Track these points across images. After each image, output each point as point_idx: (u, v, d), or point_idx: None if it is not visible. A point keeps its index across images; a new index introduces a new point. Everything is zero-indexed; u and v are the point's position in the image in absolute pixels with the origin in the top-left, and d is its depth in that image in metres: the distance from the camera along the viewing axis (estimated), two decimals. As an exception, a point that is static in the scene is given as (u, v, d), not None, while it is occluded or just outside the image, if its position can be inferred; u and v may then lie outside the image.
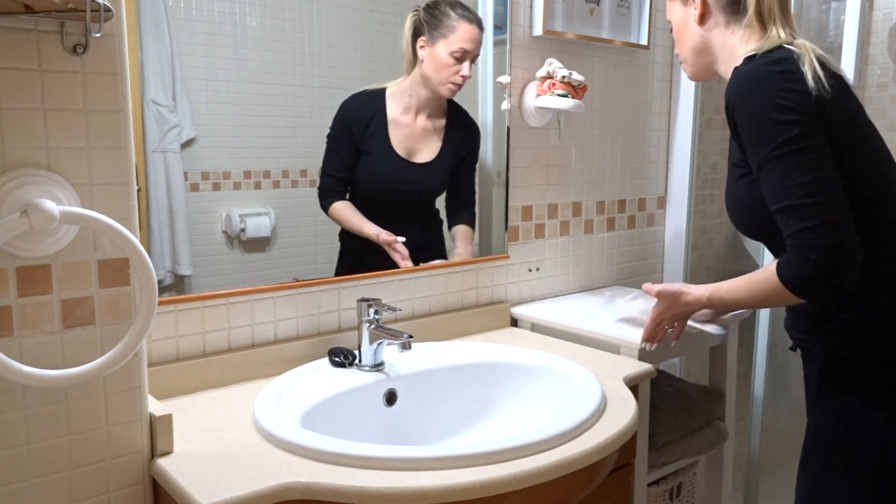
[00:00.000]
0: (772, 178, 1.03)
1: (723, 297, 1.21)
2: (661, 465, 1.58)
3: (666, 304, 1.33)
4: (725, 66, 1.19)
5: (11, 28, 0.84)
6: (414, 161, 1.54)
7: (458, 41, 1.48)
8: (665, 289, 1.33)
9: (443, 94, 1.52)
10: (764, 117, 1.03)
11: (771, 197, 1.04)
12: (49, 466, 0.92)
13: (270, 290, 1.32)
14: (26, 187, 0.85)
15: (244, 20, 1.34)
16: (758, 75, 1.05)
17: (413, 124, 1.52)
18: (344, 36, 1.47)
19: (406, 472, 0.92)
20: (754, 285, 1.12)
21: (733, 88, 1.08)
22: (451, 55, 1.48)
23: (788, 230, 1.02)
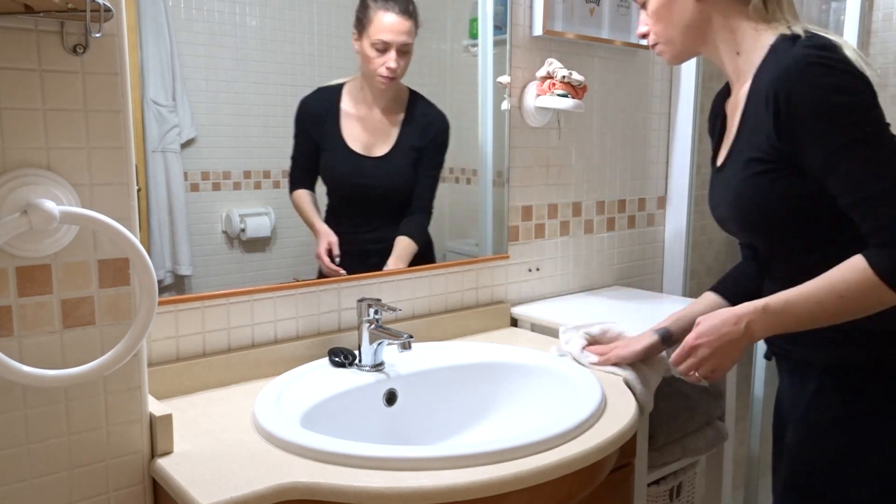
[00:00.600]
0: (851, 164, 0.91)
1: (788, 305, 0.98)
2: (661, 465, 1.58)
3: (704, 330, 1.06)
4: (725, 47, 1.08)
5: (11, 28, 0.84)
6: (370, 155, 1.50)
7: (377, 32, 1.41)
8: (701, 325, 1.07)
9: (376, 87, 1.46)
10: (834, 102, 0.92)
11: (851, 185, 0.92)
12: (49, 466, 0.92)
13: (270, 290, 1.32)
14: (26, 187, 0.85)
15: (244, 20, 1.34)
16: (816, 59, 0.93)
17: (368, 118, 1.49)
18: (344, 36, 1.47)
19: (406, 472, 0.92)
20: (839, 286, 0.93)
21: (789, 73, 0.94)
22: (372, 47, 1.42)
23: (879, 220, 0.90)
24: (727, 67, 1.11)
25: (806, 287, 0.96)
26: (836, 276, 0.94)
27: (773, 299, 0.99)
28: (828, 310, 0.95)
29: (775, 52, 1.00)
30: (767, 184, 1.01)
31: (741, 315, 1.02)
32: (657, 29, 1.13)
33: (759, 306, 1.01)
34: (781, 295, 0.99)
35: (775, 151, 0.98)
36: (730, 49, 1.08)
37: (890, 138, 0.91)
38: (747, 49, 1.06)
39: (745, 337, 1.02)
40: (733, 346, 1.03)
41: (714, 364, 1.05)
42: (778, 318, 0.99)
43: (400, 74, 1.46)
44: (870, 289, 0.91)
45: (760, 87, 1.00)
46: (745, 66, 1.07)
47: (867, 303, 0.93)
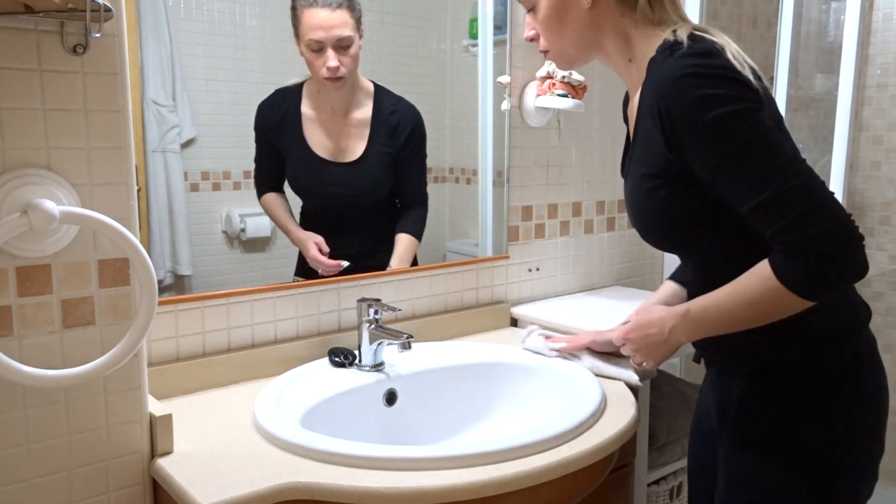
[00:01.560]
0: (738, 174, 0.89)
1: (704, 312, 0.98)
2: (661, 465, 1.58)
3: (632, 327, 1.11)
4: (618, 55, 1.05)
5: (11, 28, 0.84)
6: (339, 161, 1.43)
7: (307, 32, 1.31)
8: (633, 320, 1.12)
9: (327, 90, 1.38)
10: (711, 113, 0.88)
11: (742, 195, 0.89)
12: (49, 466, 0.92)
13: (270, 290, 1.32)
14: (26, 187, 0.85)
15: (244, 20, 1.34)
16: (691, 69, 0.89)
17: (332, 121, 1.40)
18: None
19: (406, 472, 0.92)
20: (747, 293, 0.93)
21: (665, 86, 0.91)
22: (308, 49, 1.33)
23: (775, 225, 0.87)
24: (622, 75, 1.08)
25: (718, 294, 0.96)
26: (745, 284, 0.93)
27: (693, 305, 1.00)
28: (739, 317, 0.94)
29: (654, 62, 0.96)
30: (664, 198, 0.98)
31: (666, 319, 1.03)
32: (549, 36, 1.07)
33: (680, 313, 1.01)
34: (699, 301, 0.99)
35: (667, 165, 0.95)
36: (622, 57, 1.05)
37: (773, 141, 0.88)
38: (638, 57, 1.02)
39: (671, 340, 1.04)
40: (656, 348, 1.07)
41: (642, 356, 1.10)
42: (696, 325, 1.00)
43: (348, 72, 1.36)
44: (776, 295, 0.90)
45: (644, 99, 0.96)
46: (637, 75, 1.02)
47: (775, 309, 0.92)
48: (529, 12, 1.10)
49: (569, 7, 1.03)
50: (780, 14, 2.37)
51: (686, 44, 0.93)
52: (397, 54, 1.56)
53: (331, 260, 1.41)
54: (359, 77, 1.43)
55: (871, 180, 2.61)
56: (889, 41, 2.44)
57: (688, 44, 0.93)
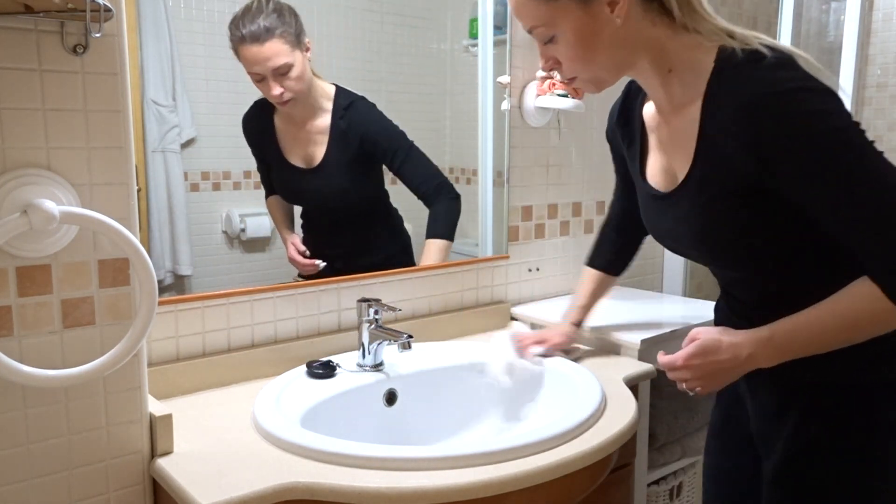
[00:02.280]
0: (845, 191, 0.84)
1: (795, 335, 0.92)
2: (661, 465, 1.58)
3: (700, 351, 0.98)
4: (654, 66, 0.96)
5: (11, 28, 0.84)
6: (307, 168, 1.45)
7: (247, 66, 1.32)
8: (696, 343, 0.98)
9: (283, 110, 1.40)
10: (819, 129, 0.83)
11: (848, 212, 0.85)
12: (49, 466, 0.92)
13: (270, 290, 1.31)
14: (26, 187, 0.85)
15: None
16: (794, 82, 0.85)
17: (299, 132, 1.43)
18: (343, 36, 1.47)
19: (406, 472, 0.92)
20: (849, 315, 0.88)
21: (764, 101, 0.84)
22: (252, 79, 1.33)
23: (884, 245, 0.84)
24: (654, 88, 1.00)
25: (809, 316, 0.91)
26: (845, 305, 0.89)
27: (777, 329, 0.93)
28: (837, 339, 0.91)
29: (726, 73, 0.89)
30: (742, 220, 0.94)
31: (741, 345, 0.95)
32: (578, 66, 0.97)
33: (763, 337, 0.94)
34: (785, 324, 0.93)
35: (748, 182, 0.90)
36: (660, 68, 0.97)
37: (878, 157, 0.85)
38: (682, 66, 0.95)
39: (745, 366, 0.96)
40: (726, 374, 0.98)
41: (701, 384, 0.99)
42: (782, 350, 0.94)
43: (296, 93, 1.36)
44: (885, 317, 0.87)
45: (720, 115, 0.89)
46: (680, 86, 0.96)
47: (877, 329, 0.89)
48: (546, 44, 0.97)
49: (599, 30, 0.93)
50: (780, 14, 2.37)
51: (768, 54, 0.86)
52: (397, 54, 1.56)
53: (306, 259, 1.43)
54: (316, 86, 1.42)
55: (871, 180, 2.61)
56: (889, 41, 2.44)
57: (770, 54, 0.86)
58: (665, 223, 1.05)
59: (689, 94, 0.94)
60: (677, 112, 0.98)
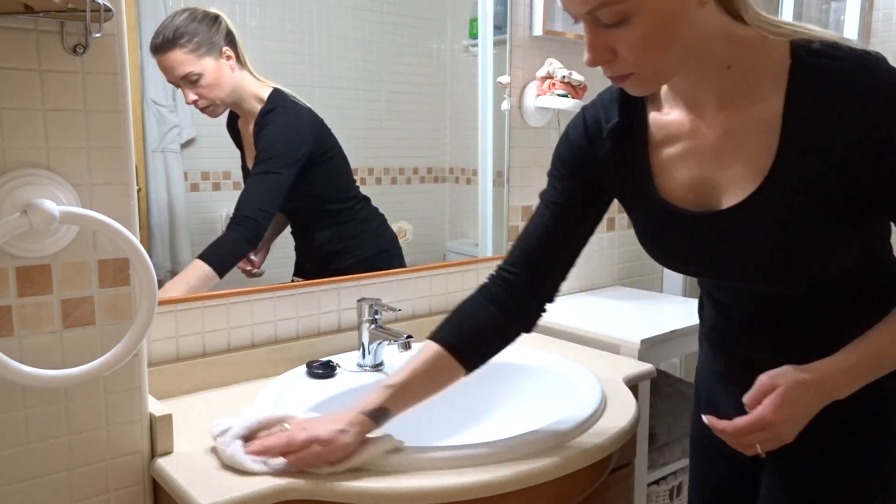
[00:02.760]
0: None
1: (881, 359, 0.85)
2: (661, 465, 1.58)
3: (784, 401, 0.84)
4: (711, 63, 0.85)
5: (11, 28, 0.84)
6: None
7: (163, 73, 1.29)
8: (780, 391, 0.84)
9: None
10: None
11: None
12: (49, 466, 0.92)
13: (270, 290, 1.31)
14: (26, 187, 0.85)
15: (244, 20, 1.34)
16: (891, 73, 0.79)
17: (245, 133, 1.40)
18: (343, 36, 1.47)
19: (406, 472, 0.92)
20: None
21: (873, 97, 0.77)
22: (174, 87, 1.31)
23: None
24: (703, 86, 0.88)
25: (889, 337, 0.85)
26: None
27: (860, 354, 0.85)
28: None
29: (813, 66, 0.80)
30: (829, 230, 0.84)
31: (825, 380, 0.84)
32: (648, 56, 0.81)
33: (848, 364, 0.85)
34: (862, 347, 0.85)
35: (845, 190, 0.81)
36: (719, 63, 0.85)
37: None
38: (743, 62, 0.85)
39: (829, 400, 0.86)
40: (807, 417, 0.86)
41: (781, 437, 0.86)
42: (865, 375, 0.85)
43: (209, 101, 1.32)
44: None
45: (820, 112, 0.80)
46: (742, 84, 0.85)
47: None
48: (609, 27, 0.80)
49: (683, 13, 0.79)
50: (780, 14, 2.37)
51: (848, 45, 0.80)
52: (397, 54, 1.57)
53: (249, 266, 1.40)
54: (249, 92, 1.36)
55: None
56: (889, 41, 2.44)
57: (848, 46, 0.80)
58: (700, 245, 0.91)
59: (752, 94, 0.84)
60: (736, 113, 0.86)
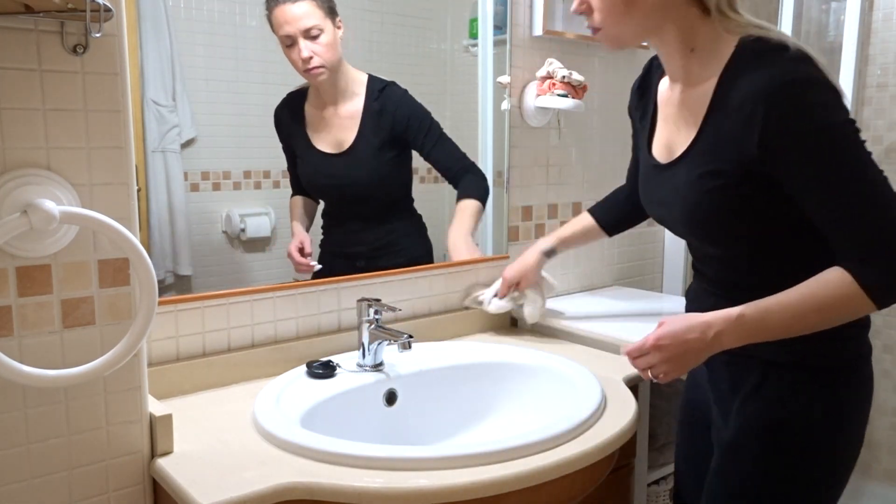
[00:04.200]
0: (834, 186, 0.90)
1: (766, 317, 0.94)
2: (660, 465, 1.58)
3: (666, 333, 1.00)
4: (677, 41, 1.01)
5: (11, 28, 0.84)
6: (336, 153, 1.46)
7: (277, 29, 1.34)
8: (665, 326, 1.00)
9: (316, 83, 1.41)
10: (827, 123, 0.89)
11: (831, 205, 0.90)
12: (49, 466, 0.92)
13: (270, 290, 1.31)
14: (26, 187, 0.85)
15: (244, 20, 1.34)
16: (807, 74, 0.90)
17: (329, 115, 1.44)
18: (344, 36, 1.47)
19: (406, 472, 0.92)
20: (822, 300, 0.91)
21: (773, 89, 0.89)
22: (283, 45, 1.35)
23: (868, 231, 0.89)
24: (674, 62, 1.05)
25: (783, 299, 0.93)
26: (818, 291, 0.92)
27: (748, 310, 0.95)
28: (806, 323, 0.93)
29: (746, 58, 0.94)
30: (732, 199, 0.97)
31: (710, 323, 0.96)
32: (611, 19, 1.01)
33: (731, 316, 0.95)
34: (757, 306, 0.95)
35: (744, 166, 0.94)
36: (682, 45, 1.02)
37: (866, 151, 0.90)
38: (704, 48, 1.00)
39: (712, 346, 0.97)
40: (694, 355, 0.99)
41: (668, 368, 1.00)
42: (751, 330, 0.95)
43: (324, 61, 1.37)
44: (855, 303, 0.90)
45: (733, 94, 0.94)
46: (699, 65, 1.01)
47: (847, 315, 0.93)
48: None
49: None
50: (780, 14, 2.37)
51: (791, 47, 0.91)
52: (397, 54, 1.56)
53: (301, 258, 1.43)
54: (347, 69, 1.44)
55: (871, 180, 2.61)
56: (889, 41, 2.44)
57: (792, 47, 0.91)
58: (659, 193, 1.09)
59: (705, 74, 1.00)
60: (691, 88, 1.03)
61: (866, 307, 0.91)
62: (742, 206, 0.97)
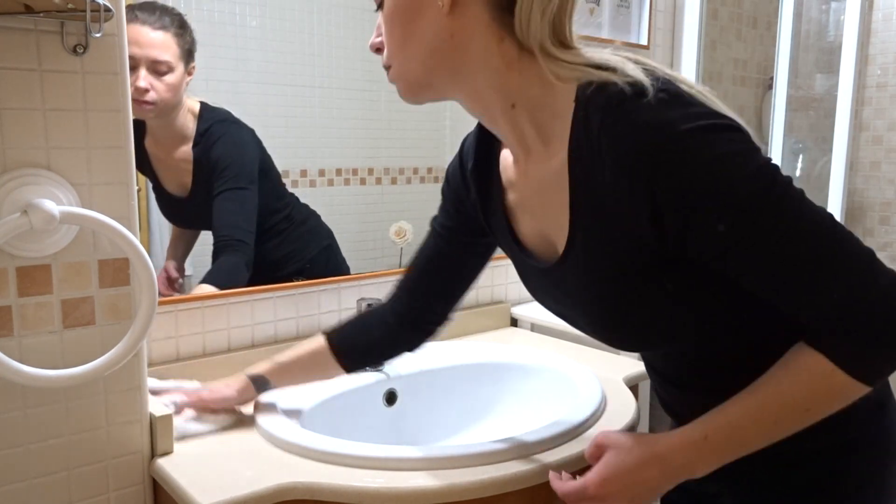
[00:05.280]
0: (784, 242, 0.67)
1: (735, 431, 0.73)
2: (661, 465, 1.58)
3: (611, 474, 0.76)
4: (493, 95, 0.76)
5: (11, 28, 0.84)
6: (182, 196, 1.31)
7: (129, 46, 1.11)
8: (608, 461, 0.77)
9: (146, 119, 1.24)
10: (741, 174, 0.66)
11: (778, 270, 0.68)
12: (49, 466, 0.92)
13: (270, 290, 1.31)
14: (26, 187, 0.85)
15: (244, 20, 1.34)
16: (694, 121, 0.66)
17: (168, 156, 1.29)
18: (344, 36, 1.47)
19: (406, 472, 0.92)
20: (800, 398, 0.71)
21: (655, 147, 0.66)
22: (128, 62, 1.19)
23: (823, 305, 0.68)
24: (502, 127, 0.79)
25: (749, 404, 0.72)
26: (794, 389, 0.71)
27: (711, 427, 0.73)
28: (790, 426, 0.72)
29: (593, 120, 0.69)
30: (646, 295, 0.75)
31: (669, 455, 0.74)
32: (391, 46, 0.78)
33: (695, 440, 0.73)
34: (717, 419, 0.73)
35: (646, 248, 0.71)
36: (500, 100, 0.76)
37: (798, 193, 0.68)
38: (529, 102, 0.75)
39: (677, 479, 0.75)
40: (651, 493, 0.76)
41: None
42: (722, 450, 0.74)
43: (159, 100, 1.22)
44: (840, 389, 0.70)
45: (593, 167, 0.70)
46: (532, 127, 0.77)
47: (833, 405, 0.71)
48: (378, 11, 0.80)
49: (419, 8, 0.74)
50: (780, 14, 2.37)
51: (647, 87, 0.67)
52: (397, 54, 1.56)
53: (166, 289, 1.30)
54: (183, 113, 1.29)
55: (870, 180, 2.61)
56: (889, 41, 2.44)
57: (653, 84, 0.67)
58: (551, 300, 0.88)
59: (546, 139, 0.77)
60: (536, 161, 0.79)
61: (857, 390, 0.69)
62: (661, 301, 0.75)
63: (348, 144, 1.47)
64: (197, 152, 1.29)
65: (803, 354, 0.70)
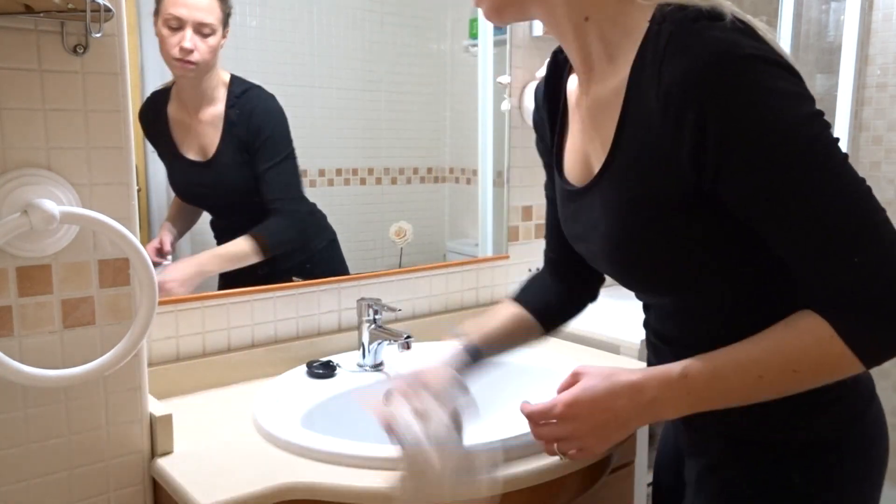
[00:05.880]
0: (814, 199, 0.64)
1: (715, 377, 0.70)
2: (661, 465, 1.58)
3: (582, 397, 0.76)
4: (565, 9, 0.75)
5: (11, 28, 0.84)
6: (200, 161, 1.34)
7: (168, 6, 1.23)
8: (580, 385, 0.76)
9: (177, 77, 1.29)
10: (786, 117, 0.64)
11: (807, 231, 0.65)
12: (49, 466, 0.92)
13: (270, 290, 1.31)
14: (26, 187, 0.85)
15: (244, 20, 1.34)
16: (756, 51, 0.64)
17: (192, 119, 1.32)
18: (344, 36, 1.47)
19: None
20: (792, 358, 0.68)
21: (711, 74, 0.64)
22: (165, 25, 1.24)
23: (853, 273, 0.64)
24: (570, 42, 0.78)
25: (739, 353, 0.70)
26: (787, 346, 0.68)
27: (692, 368, 0.70)
28: (769, 386, 0.69)
29: (664, 35, 0.67)
30: (668, 229, 0.72)
31: (641, 387, 0.72)
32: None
33: (672, 378, 0.71)
34: (703, 362, 0.70)
35: (680, 189, 0.70)
36: (573, 13, 0.75)
37: (841, 154, 0.66)
38: (604, 17, 0.74)
39: (644, 416, 0.73)
40: (618, 429, 0.74)
41: (583, 444, 0.76)
42: (698, 395, 0.71)
43: (201, 60, 1.27)
44: (834, 361, 0.67)
45: (651, 88, 0.68)
46: (603, 48, 0.76)
47: (822, 377, 0.69)
48: None
49: None
50: (780, 14, 2.37)
51: (727, 14, 0.66)
52: (397, 54, 1.56)
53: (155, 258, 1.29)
54: (216, 73, 1.33)
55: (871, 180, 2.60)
56: (889, 41, 2.44)
57: (728, 15, 0.66)
58: (578, 225, 0.84)
59: (612, 57, 0.75)
60: (599, 80, 0.77)
61: (851, 366, 0.67)
62: (683, 241, 0.72)
63: (348, 144, 1.47)
64: (232, 114, 1.33)
65: (806, 316, 0.68)
